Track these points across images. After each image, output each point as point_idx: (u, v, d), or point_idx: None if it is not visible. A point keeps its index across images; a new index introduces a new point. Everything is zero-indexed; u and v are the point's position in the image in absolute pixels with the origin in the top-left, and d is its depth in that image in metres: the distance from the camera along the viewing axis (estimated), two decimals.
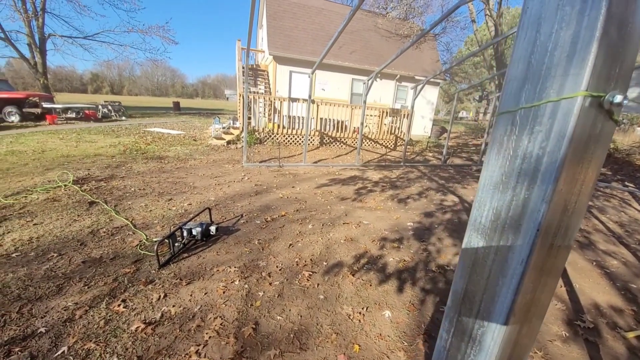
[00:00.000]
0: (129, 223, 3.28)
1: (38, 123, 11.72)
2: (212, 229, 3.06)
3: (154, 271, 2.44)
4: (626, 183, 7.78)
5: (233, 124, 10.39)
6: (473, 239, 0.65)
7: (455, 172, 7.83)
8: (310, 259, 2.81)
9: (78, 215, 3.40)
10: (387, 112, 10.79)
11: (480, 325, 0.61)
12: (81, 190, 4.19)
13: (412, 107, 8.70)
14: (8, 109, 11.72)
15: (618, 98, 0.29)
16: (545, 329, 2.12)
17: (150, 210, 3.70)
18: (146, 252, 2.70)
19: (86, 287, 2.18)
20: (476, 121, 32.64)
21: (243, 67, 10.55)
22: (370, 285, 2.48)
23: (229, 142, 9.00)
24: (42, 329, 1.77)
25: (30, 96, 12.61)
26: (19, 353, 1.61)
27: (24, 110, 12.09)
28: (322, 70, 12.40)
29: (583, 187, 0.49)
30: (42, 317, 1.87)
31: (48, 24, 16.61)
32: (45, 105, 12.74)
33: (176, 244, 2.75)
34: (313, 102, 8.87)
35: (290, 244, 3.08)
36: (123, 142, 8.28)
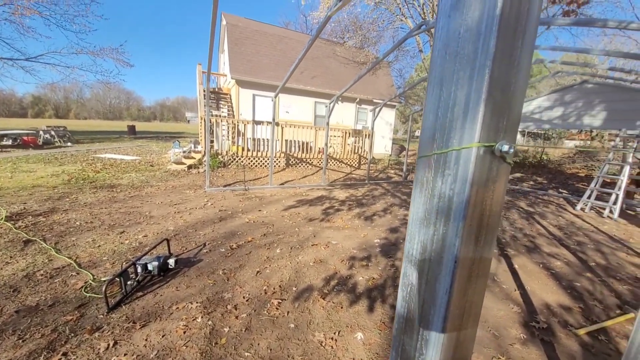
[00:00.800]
0: (72, 262, 2.92)
1: None
2: (171, 261, 2.84)
3: (101, 316, 2.17)
4: (560, 190, 8.83)
5: (194, 147, 10.03)
6: (407, 270, 0.70)
7: None
8: (279, 286, 2.72)
9: (10, 257, 2.96)
10: (349, 133, 11.23)
11: (420, 353, 0.65)
12: (15, 228, 3.67)
13: (372, 127, 9.19)
14: None
15: (505, 147, 0.35)
16: (505, 332, 2.25)
17: (99, 246, 3.34)
18: (93, 295, 2.41)
19: (20, 341, 1.87)
20: None
21: (204, 91, 10.40)
22: (342, 308, 2.45)
23: (190, 167, 8.63)
24: None
25: None
26: None
27: None
28: (285, 94, 12.68)
29: (490, 219, 0.57)
30: None
31: None
32: None
33: (129, 282, 2.49)
34: (277, 124, 8.96)
35: (258, 271, 2.96)
36: (68, 171, 7.53)
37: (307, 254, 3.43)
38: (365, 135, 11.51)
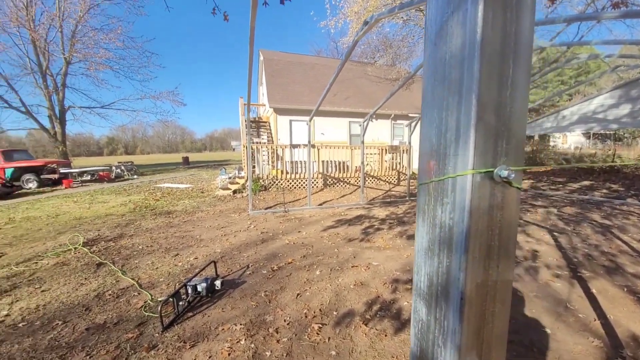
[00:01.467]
0: (134, 283, 3.24)
1: (55, 188, 12.28)
2: (217, 283, 3.00)
3: (157, 334, 2.35)
4: None
5: (238, 173, 10.71)
6: (417, 304, 0.65)
7: None
8: (320, 309, 2.68)
9: (85, 279, 3.40)
10: (386, 149, 11.08)
11: None
12: (90, 252, 4.23)
13: (410, 142, 8.95)
14: (27, 176, 12.40)
15: (504, 172, 0.33)
16: None
17: (157, 268, 3.67)
18: (150, 314, 2.63)
19: (88, 357, 2.10)
20: None
21: (245, 120, 11.21)
22: (386, 336, 2.32)
23: (235, 192, 9.20)
24: None
25: (48, 163, 13.40)
26: None
27: (41, 176, 12.76)
28: (320, 116, 13.11)
29: (500, 247, 0.50)
30: None
31: (68, 97, 18.31)
32: (63, 170, 13.47)
33: (180, 303, 2.68)
34: (313, 146, 9.22)
35: (298, 294, 2.97)
36: (133, 200, 8.53)
37: (347, 276, 3.36)
38: (403, 150, 11.24)
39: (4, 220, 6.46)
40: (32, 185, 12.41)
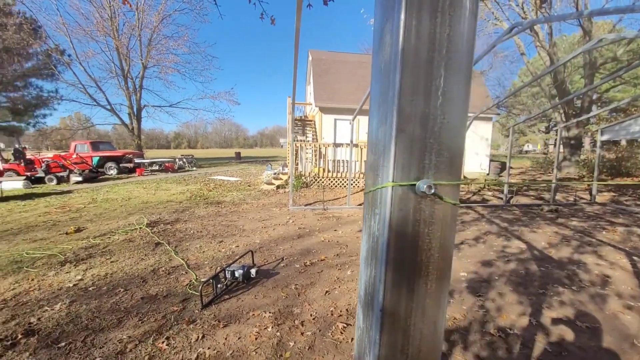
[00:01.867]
0: (184, 263, 3.61)
1: (130, 175, 14.22)
2: (253, 271, 3.18)
3: (197, 311, 2.59)
4: None
5: (282, 169, 11.13)
6: (358, 310, 0.62)
7: (521, 212, 6.94)
8: (346, 309, 2.67)
9: (145, 255, 3.88)
10: None
11: None
12: (151, 232, 4.81)
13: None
14: (109, 164, 14.58)
15: (423, 187, 0.29)
16: None
17: (203, 252, 4.03)
18: (193, 292, 2.90)
19: (140, 322, 2.41)
20: (545, 154, 29.22)
21: (290, 119, 11.57)
22: None
23: (278, 187, 9.59)
24: (98, 358, 1.98)
25: (126, 154, 15.57)
26: None
27: (120, 165, 14.89)
28: (365, 115, 12.90)
29: (430, 266, 0.44)
30: (100, 348, 2.10)
31: (143, 96, 20.96)
32: (137, 160, 15.53)
33: (219, 285, 2.91)
34: (356, 145, 9.13)
35: (327, 291, 2.99)
36: (190, 190, 9.45)
37: None
38: None
39: (88, 200, 7.70)
40: (113, 172, 14.54)
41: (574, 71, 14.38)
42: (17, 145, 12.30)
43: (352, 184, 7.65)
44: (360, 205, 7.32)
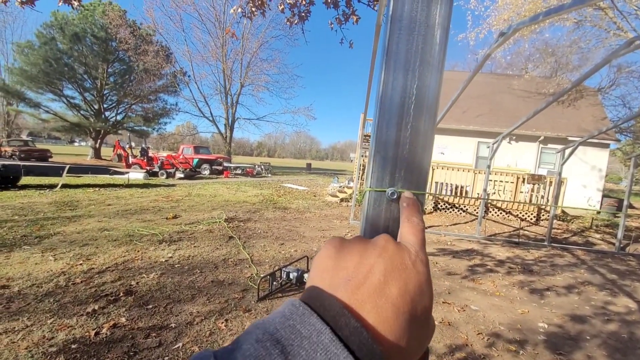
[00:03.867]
0: (249, 258, 4.02)
1: (219, 176, 16.49)
2: (306, 276, 3.33)
3: (253, 302, 2.86)
4: None
5: (348, 183, 11.28)
6: None
7: (638, 264, 5.41)
8: None
9: (220, 245, 4.47)
10: (524, 178, 9.06)
11: None
12: (227, 227, 5.51)
13: (560, 172, 7.03)
14: (204, 165, 17.20)
15: (389, 193, 0.31)
16: None
17: (266, 251, 4.41)
18: (252, 285, 3.21)
19: (207, 301, 2.79)
20: None
21: (361, 135, 11.71)
22: None
23: (341, 200, 9.74)
24: (173, 324, 2.39)
25: (218, 158, 18.13)
26: (154, 337, 2.22)
27: (212, 167, 17.41)
28: (440, 134, 12.12)
29: None
30: (175, 316, 2.52)
31: (238, 110, 24.19)
32: (225, 164, 17.93)
33: (274, 283, 3.15)
34: None
35: None
36: (263, 194, 10.42)
37: (434, 311, 3.02)
38: (549, 182, 8.88)
39: (185, 194, 9.23)
40: (206, 172, 17.10)
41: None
42: (143, 145, 15.79)
43: None
44: (425, 228, 6.84)
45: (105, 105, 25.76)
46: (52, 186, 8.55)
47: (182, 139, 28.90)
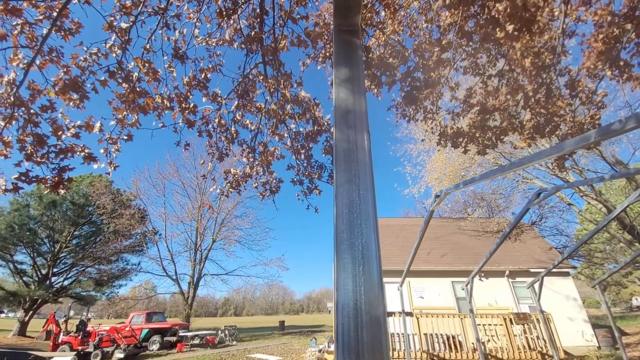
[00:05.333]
0: None
1: (169, 351, 13.46)
2: None
3: None
4: None
5: (328, 346, 9.76)
6: None
7: None
8: None
9: None
10: (511, 319, 8.65)
11: None
12: None
13: (541, 310, 6.94)
14: (154, 337, 14.28)
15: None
16: None
17: None
18: None
19: None
20: None
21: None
22: None
23: None
24: None
25: (173, 326, 15.46)
26: None
27: (164, 338, 14.47)
28: (415, 277, 12.17)
29: None
30: None
31: (205, 266, 23.06)
32: (181, 333, 15.12)
33: None
34: (410, 314, 8.14)
35: None
36: None
37: None
38: (536, 319, 8.52)
39: None
40: (155, 346, 14.02)
41: (637, 217, 13.18)
42: (83, 317, 13.27)
43: None
44: None
45: (55, 270, 23.25)
46: None
47: (136, 303, 25.13)
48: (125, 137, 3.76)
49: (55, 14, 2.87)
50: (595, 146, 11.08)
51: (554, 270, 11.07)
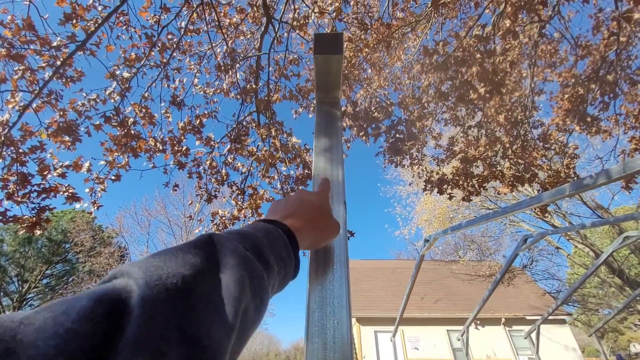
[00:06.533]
0: None
1: None
2: None
3: None
4: None
5: None
6: None
7: None
8: None
9: None
10: None
11: None
12: None
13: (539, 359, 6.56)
14: None
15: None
16: None
17: None
18: None
19: None
20: None
21: None
22: None
23: None
24: None
25: None
26: None
27: None
28: (408, 325, 11.53)
29: None
30: None
31: None
32: None
33: None
34: None
35: None
36: None
37: None
38: None
39: None
40: None
41: (625, 261, 13.35)
42: None
43: None
44: None
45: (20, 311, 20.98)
46: None
47: None
48: (113, 177, 3.73)
49: (59, 62, 3.02)
50: (571, 197, 11.62)
51: (550, 317, 10.74)
